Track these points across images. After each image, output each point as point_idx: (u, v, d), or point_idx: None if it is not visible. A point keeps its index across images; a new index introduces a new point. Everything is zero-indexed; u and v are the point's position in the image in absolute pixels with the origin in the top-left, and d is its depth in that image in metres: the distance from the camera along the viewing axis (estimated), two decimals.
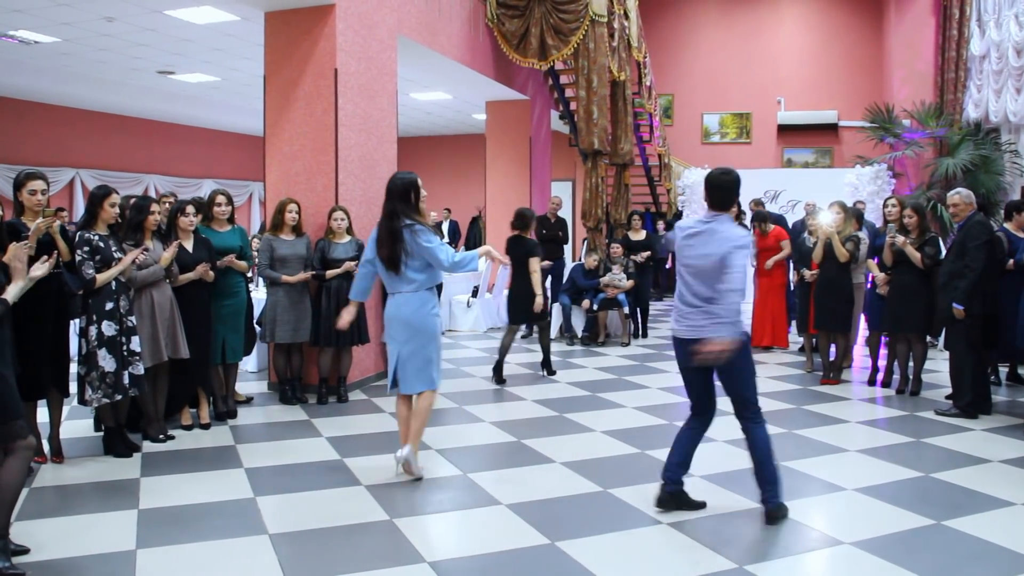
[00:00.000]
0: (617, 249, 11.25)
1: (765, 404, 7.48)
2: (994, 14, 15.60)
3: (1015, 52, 15.26)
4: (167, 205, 7.02)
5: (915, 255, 7.54)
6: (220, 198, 7.10)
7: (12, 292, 4.05)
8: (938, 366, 9.06)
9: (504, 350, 8.72)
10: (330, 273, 7.57)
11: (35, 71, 13.48)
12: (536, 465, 5.79)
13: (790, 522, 4.62)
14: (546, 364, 9.08)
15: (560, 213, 12.44)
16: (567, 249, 13.25)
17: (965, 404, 7.04)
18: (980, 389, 7.11)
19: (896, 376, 8.18)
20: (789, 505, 4.73)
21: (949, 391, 7.47)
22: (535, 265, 8.58)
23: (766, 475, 4.64)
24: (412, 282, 5.25)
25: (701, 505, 4.83)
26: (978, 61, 15.92)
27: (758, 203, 12.18)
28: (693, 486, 5.28)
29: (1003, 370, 8.64)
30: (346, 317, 5.58)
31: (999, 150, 15.59)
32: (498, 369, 8.70)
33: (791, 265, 10.14)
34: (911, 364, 7.98)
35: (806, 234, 9.03)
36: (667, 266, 16.65)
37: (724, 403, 4.80)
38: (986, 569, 4.02)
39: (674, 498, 4.79)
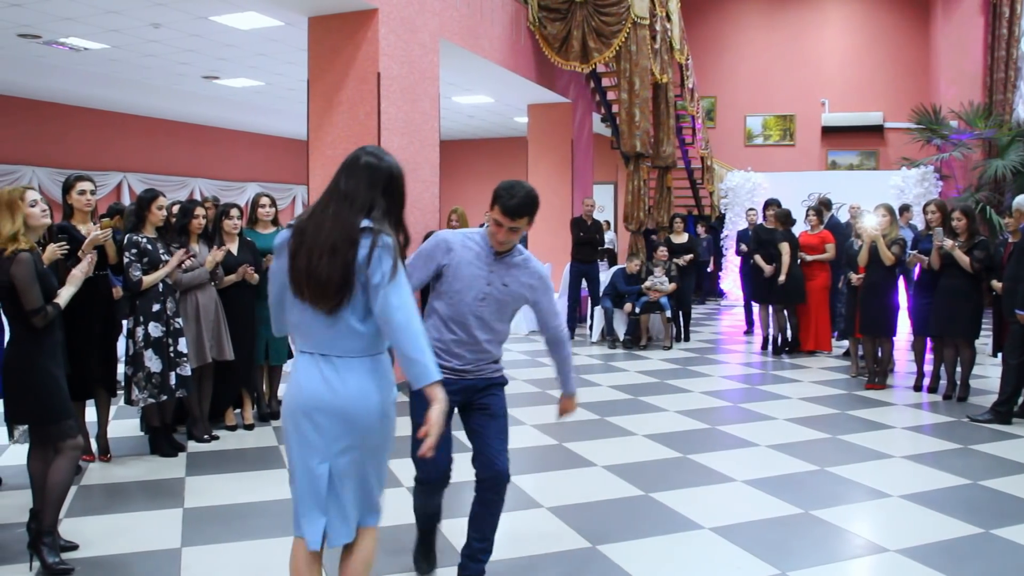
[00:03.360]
0: (663, 252, 11.19)
1: (810, 409, 7.44)
2: None
3: None
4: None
5: (964, 259, 7.42)
6: (264, 199, 7.17)
7: (64, 295, 4.13)
8: (986, 371, 8.90)
9: None
10: None
11: (84, 77, 13.73)
12: (578, 468, 5.78)
13: (834, 528, 4.57)
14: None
15: (601, 216, 12.41)
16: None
17: (1003, 410, 6.93)
18: None
19: (943, 381, 8.05)
20: (834, 510, 4.68)
21: (998, 397, 7.34)
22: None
23: None
24: (355, 337, 2.87)
25: None
26: None
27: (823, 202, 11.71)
28: (736, 491, 5.25)
29: None
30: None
31: None
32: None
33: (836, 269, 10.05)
34: (959, 369, 7.85)
35: (853, 237, 8.93)
36: (708, 269, 16.53)
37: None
38: None
39: None
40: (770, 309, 10.68)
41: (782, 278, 10.08)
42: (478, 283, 3.63)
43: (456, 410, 3.75)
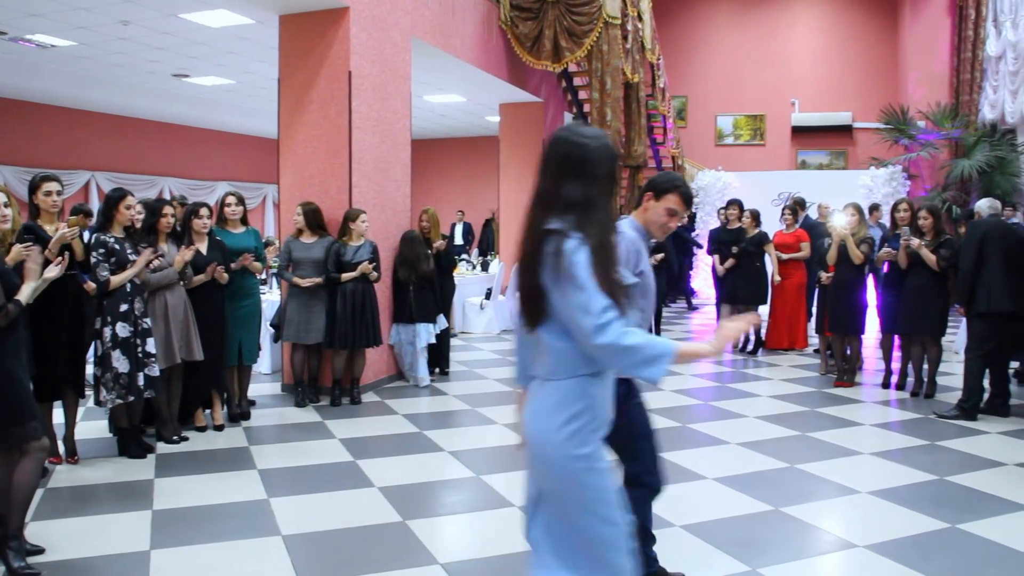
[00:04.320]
0: None
1: (780, 407, 7.50)
2: (1011, 15, 15.51)
3: None
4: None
5: (930, 257, 7.50)
6: (230, 199, 7.14)
7: (26, 292, 4.07)
8: (953, 368, 9.01)
9: None
10: (345, 276, 7.59)
11: (51, 74, 13.57)
12: None
13: (804, 524, 4.61)
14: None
15: None
16: None
17: (967, 406, 7.04)
18: (999, 390, 7.14)
19: (911, 378, 8.14)
20: (804, 507, 4.72)
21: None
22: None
23: None
24: (551, 354, 2.51)
25: None
26: (994, 62, 15.82)
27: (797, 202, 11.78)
28: (706, 488, 5.29)
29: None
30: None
31: (1015, 151, 15.49)
32: None
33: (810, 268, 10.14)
34: (926, 366, 7.95)
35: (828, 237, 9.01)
36: (675, 270, 16.61)
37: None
38: (1001, 573, 4.00)
39: None
40: (729, 309, 10.76)
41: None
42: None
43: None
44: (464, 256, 16.33)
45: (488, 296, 12.76)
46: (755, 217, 10.49)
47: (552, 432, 2.44)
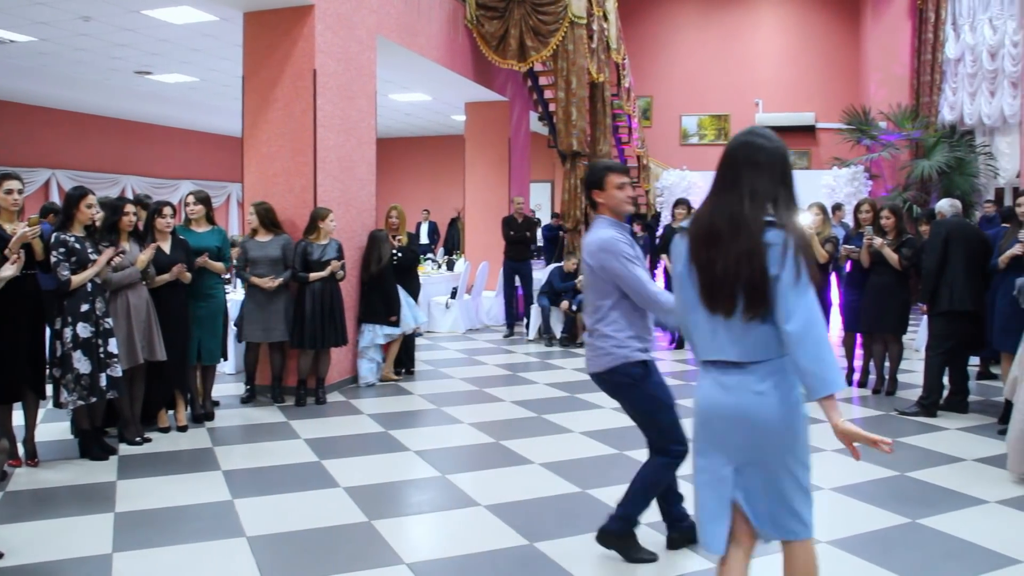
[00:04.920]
0: None
1: None
2: (968, 18, 15.75)
3: (989, 56, 15.43)
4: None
5: (892, 256, 7.60)
6: (189, 198, 7.10)
7: None
8: (914, 366, 9.13)
9: None
10: (313, 276, 7.55)
11: (10, 70, 13.36)
12: (514, 466, 5.80)
13: None
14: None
15: (538, 214, 12.47)
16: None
17: (927, 403, 7.15)
18: (958, 387, 7.25)
19: (872, 376, 8.24)
20: None
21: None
22: None
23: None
24: (761, 340, 2.73)
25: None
26: (953, 64, 16.06)
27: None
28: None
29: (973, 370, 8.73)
30: None
31: (973, 152, 15.74)
32: None
33: None
34: (887, 364, 8.05)
35: None
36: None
37: None
38: (961, 566, 4.06)
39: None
40: None
41: None
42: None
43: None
44: (430, 255, 16.31)
45: (454, 295, 12.76)
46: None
47: (782, 402, 2.76)
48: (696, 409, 2.95)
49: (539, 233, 14.22)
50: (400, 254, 8.82)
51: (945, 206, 7.69)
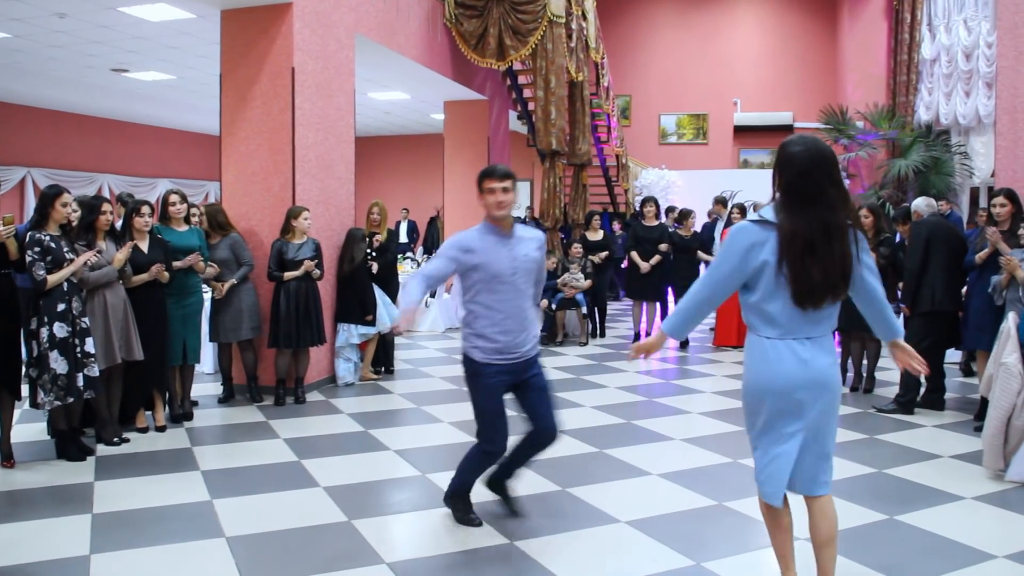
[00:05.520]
0: (577, 249, 11.29)
1: (723, 403, 7.60)
2: (944, 19, 15.87)
3: (964, 56, 15.54)
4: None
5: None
6: (173, 197, 7.03)
7: None
8: (891, 363, 9.20)
9: None
10: (288, 275, 7.53)
11: None
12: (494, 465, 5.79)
13: (747, 519, 4.67)
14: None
15: (516, 212, 12.46)
16: None
17: (904, 400, 7.21)
18: (935, 385, 7.31)
19: (850, 374, 8.29)
20: (747, 501, 4.78)
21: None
22: None
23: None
24: (829, 320, 3.38)
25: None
26: (929, 65, 16.17)
27: (720, 201, 12.22)
28: (651, 484, 5.33)
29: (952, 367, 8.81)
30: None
31: (949, 152, 15.85)
32: None
33: None
34: (865, 362, 8.11)
35: None
36: (622, 266, 16.76)
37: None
38: (938, 562, 4.09)
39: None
40: (644, 305, 10.99)
41: None
42: (508, 262, 4.32)
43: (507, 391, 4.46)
44: (409, 254, 16.27)
45: (433, 294, 12.73)
46: (687, 216, 11.01)
47: (839, 369, 3.44)
48: (774, 384, 3.25)
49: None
50: (374, 254, 8.77)
51: (921, 205, 7.74)
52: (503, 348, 4.35)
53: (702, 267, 10.96)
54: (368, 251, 8.65)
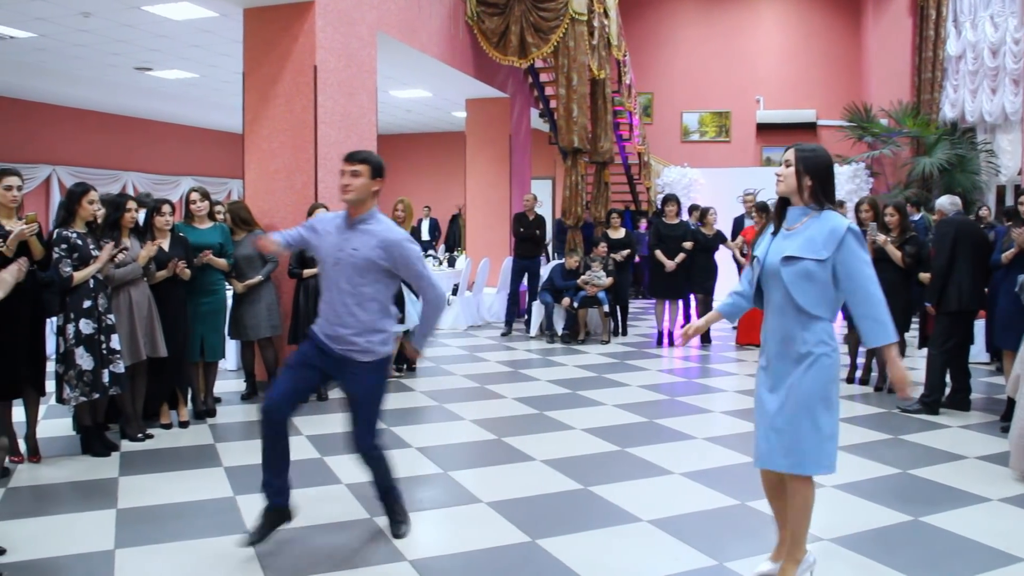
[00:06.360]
0: (603, 248, 11.27)
1: (746, 402, 7.56)
2: (970, 15, 15.75)
3: (990, 53, 15.42)
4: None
5: (896, 253, 7.59)
6: (194, 195, 7.06)
7: None
8: (915, 363, 9.13)
9: None
10: (307, 272, 7.55)
11: (10, 66, 13.36)
12: (517, 463, 5.79)
13: (769, 519, 4.62)
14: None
15: (539, 211, 12.45)
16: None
17: (929, 400, 7.14)
18: (960, 385, 7.24)
19: (874, 374, 8.23)
20: (766, 502, 4.74)
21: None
22: None
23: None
24: None
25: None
26: (954, 61, 16.06)
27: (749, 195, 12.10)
28: (673, 483, 5.31)
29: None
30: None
31: (975, 150, 15.74)
32: None
33: None
34: None
35: None
36: (635, 260, 16.77)
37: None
38: (963, 564, 4.06)
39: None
40: (666, 304, 10.97)
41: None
42: (332, 251, 4.16)
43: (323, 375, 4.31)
44: (431, 252, 16.30)
45: (455, 292, 12.74)
46: (706, 214, 11.22)
47: None
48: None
49: (549, 230, 14.23)
50: None
51: (945, 203, 7.66)
52: (319, 327, 4.23)
53: (719, 262, 10.98)
54: None
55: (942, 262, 7.11)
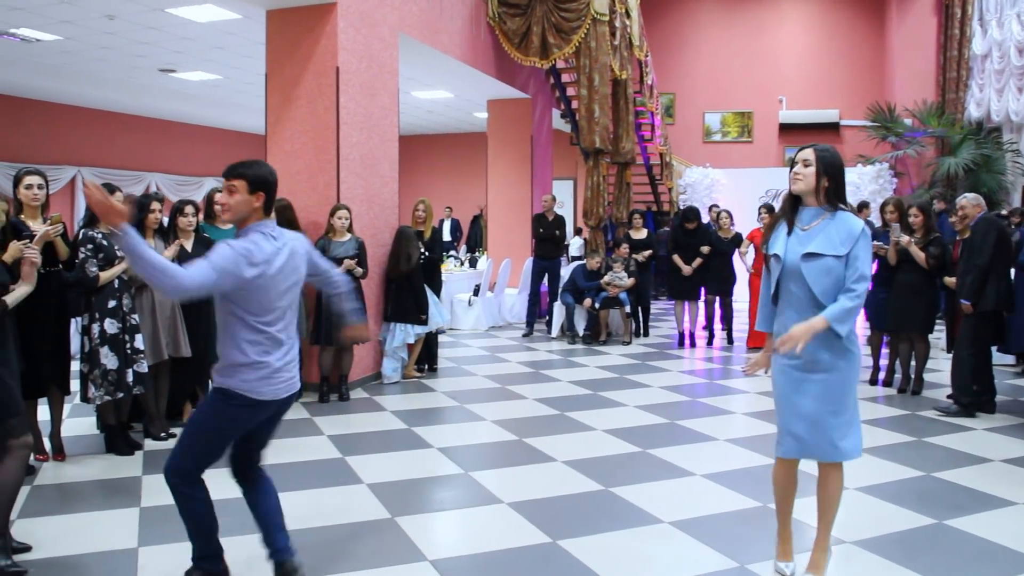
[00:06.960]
0: (624, 249, 11.25)
1: (767, 403, 7.52)
2: (996, 13, 15.60)
3: (1017, 51, 15.26)
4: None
5: (919, 255, 7.53)
6: (218, 196, 7.07)
7: (15, 295, 4.05)
8: (940, 365, 9.05)
9: None
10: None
11: (36, 69, 13.49)
12: (537, 464, 5.79)
13: (792, 520, 4.61)
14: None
15: (560, 211, 12.44)
16: None
17: (967, 403, 7.05)
18: (985, 386, 7.16)
19: (898, 375, 8.17)
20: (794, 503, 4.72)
21: (951, 390, 7.46)
22: None
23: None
24: None
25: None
26: (980, 60, 15.91)
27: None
28: (695, 485, 5.29)
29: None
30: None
31: (1001, 149, 15.59)
32: None
33: None
34: (913, 363, 7.98)
35: None
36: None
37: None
38: (988, 569, 4.02)
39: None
40: (686, 305, 10.95)
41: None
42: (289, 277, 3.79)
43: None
44: (452, 252, 16.32)
45: (476, 292, 12.75)
46: (729, 217, 11.13)
47: None
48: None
49: (569, 231, 14.21)
50: (426, 253, 8.83)
51: (972, 201, 7.55)
52: None
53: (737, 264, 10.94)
54: (420, 251, 8.66)
55: (984, 260, 6.94)
